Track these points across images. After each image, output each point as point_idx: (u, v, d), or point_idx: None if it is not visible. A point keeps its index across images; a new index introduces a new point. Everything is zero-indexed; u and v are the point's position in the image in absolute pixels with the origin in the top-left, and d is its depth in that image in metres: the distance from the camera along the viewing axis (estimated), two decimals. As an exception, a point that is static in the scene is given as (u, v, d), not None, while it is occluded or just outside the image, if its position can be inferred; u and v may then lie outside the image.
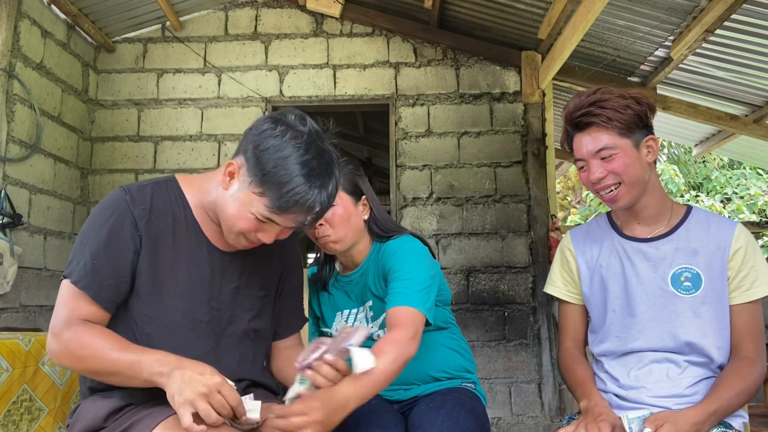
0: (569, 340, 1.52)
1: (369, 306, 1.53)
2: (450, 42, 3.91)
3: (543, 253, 3.68)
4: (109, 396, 1.18)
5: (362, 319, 1.56)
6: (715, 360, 1.32)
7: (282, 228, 1.17)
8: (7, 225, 2.88)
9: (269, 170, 1.10)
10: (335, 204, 1.44)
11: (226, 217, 1.18)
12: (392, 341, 1.27)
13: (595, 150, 1.32)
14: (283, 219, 1.14)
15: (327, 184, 1.14)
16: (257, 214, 1.13)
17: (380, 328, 1.52)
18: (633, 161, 1.31)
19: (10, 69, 2.99)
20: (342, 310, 1.59)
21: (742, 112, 3.98)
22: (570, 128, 1.39)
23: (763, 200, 9.27)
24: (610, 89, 1.35)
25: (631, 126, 1.31)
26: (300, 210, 1.12)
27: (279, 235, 1.19)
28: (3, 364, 1.40)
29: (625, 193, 1.33)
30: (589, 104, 1.32)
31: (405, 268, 1.42)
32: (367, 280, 1.54)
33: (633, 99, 1.32)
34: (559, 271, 1.54)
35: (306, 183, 1.10)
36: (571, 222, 10.71)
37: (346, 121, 6.40)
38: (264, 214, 1.13)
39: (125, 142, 3.88)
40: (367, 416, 1.39)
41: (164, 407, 1.09)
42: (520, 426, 3.57)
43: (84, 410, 1.20)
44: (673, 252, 1.36)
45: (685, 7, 2.94)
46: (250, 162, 1.13)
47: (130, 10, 3.71)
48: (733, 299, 1.33)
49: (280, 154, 1.10)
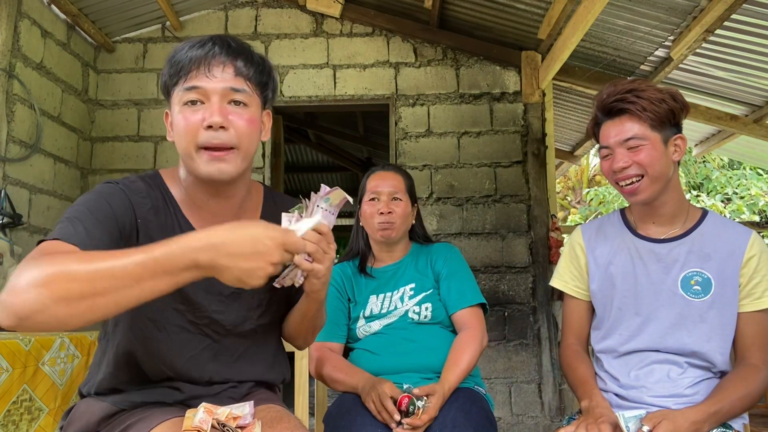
0: (572, 336, 1.51)
1: (411, 287, 1.71)
2: (450, 42, 3.92)
3: (543, 253, 3.68)
4: (103, 399, 1.15)
5: (397, 299, 1.69)
6: (717, 366, 1.32)
7: (218, 97, 1.04)
8: (7, 225, 2.88)
9: (164, 69, 1.08)
10: (400, 200, 1.69)
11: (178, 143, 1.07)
12: (470, 339, 1.59)
13: (624, 138, 1.31)
14: (198, 78, 1.04)
15: (222, 36, 1.09)
16: (183, 99, 1.05)
17: (416, 304, 1.68)
18: (660, 155, 1.30)
19: (10, 69, 2.99)
20: (377, 294, 1.72)
21: (742, 112, 3.98)
22: (601, 114, 1.37)
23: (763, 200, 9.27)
24: (647, 82, 1.35)
25: (663, 120, 1.31)
26: (200, 55, 1.04)
27: (231, 116, 1.05)
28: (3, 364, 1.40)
29: (646, 187, 1.31)
30: (626, 91, 1.32)
31: (460, 270, 1.71)
32: (407, 271, 1.74)
33: (669, 94, 1.32)
34: (567, 265, 1.53)
35: (192, 41, 1.08)
36: (571, 222, 10.71)
37: (346, 121, 6.40)
38: (183, 91, 1.04)
39: (125, 142, 3.88)
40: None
41: (158, 412, 1.08)
42: (520, 426, 3.57)
43: (78, 413, 1.17)
44: (685, 255, 1.36)
45: (685, 7, 2.93)
46: (161, 86, 1.11)
47: (130, 10, 3.71)
48: (743, 307, 1.32)
49: (171, 51, 1.10)
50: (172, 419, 1.05)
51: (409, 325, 1.64)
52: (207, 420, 1.01)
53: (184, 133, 1.04)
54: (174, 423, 1.04)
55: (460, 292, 1.67)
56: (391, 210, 1.69)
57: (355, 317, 1.71)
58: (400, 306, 1.67)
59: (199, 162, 1.05)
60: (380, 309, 1.68)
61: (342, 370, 1.58)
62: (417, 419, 1.39)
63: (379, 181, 1.74)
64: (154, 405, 1.13)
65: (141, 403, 1.13)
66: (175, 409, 1.11)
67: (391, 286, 1.72)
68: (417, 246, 1.81)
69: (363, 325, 1.68)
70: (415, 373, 1.57)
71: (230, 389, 1.21)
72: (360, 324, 1.69)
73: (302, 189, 9.64)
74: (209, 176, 1.06)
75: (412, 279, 1.71)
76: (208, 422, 1.01)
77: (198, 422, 1.00)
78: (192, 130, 1.03)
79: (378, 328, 1.66)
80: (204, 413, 1.02)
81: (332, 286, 1.74)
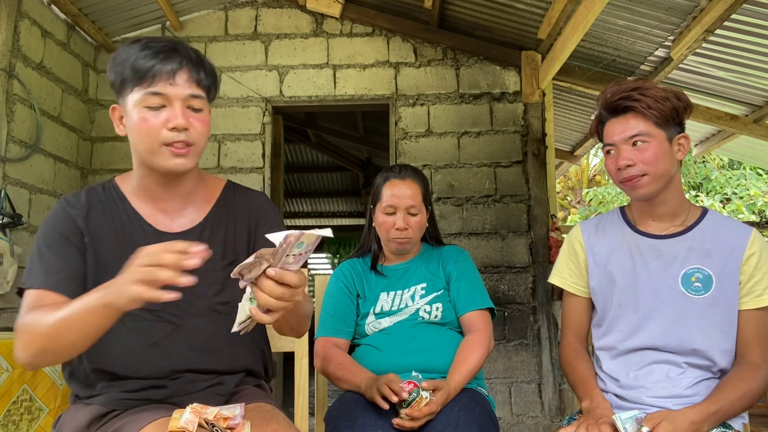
0: (572, 334, 1.50)
1: (422, 287, 1.71)
2: (450, 42, 3.92)
3: (543, 253, 3.68)
4: (92, 403, 1.17)
5: (408, 297, 1.69)
6: (718, 364, 1.32)
7: (180, 102, 1.16)
8: (7, 225, 2.88)
9: (117, 70, 1.17)
10: (416, 214, 1.68)
11: (136, 142, 1.18)
12: (478, 342, 1.60)
13: (628, 135, 1.32)
14: (160, 84, 1.14)
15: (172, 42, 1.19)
16: (144, 104, 1.14)
17: (428, 303, 1.68)
18: (664, 153, 1.31)
19: (10, 69, 2.99)
20: (388, 291, 1.72)
21: (742, 112, 3.98)
22: (605, 113, 1.38)
23: (762, 201, 9.27)
24: (651, 81, 1.36)
25: (668, 119, 1.31)
26: (160, 62, 1.14)
27: (192, 120, 1.17)
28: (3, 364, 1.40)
29: (648, 183, 1.32)
30: (631, 89, 1.32)
31: (470, 274, 1.72)
32: (418, 270, 1.75)
33: (673, 93, 1.32)
34: (566, 262, 1.52)
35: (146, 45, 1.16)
36: (570, 222, 10.71)
37: (346, 121, 6.40)
38: (144, 96, 1.14)
39: (125, 142, 3.85)
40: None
41: (146, 413, 1.09)
42: (520, 426, 3.57)
43: (67, 418, 1.19)
44: (686, 251, 1.35)
45: (685, 7, 2.94)
46: (114, 88, 1.19)
47: (130, 10, 3.71)
48: (743, 304, 1.32)
49: (115, 58, 1.19)
50: (160, 419, 1.06)
51: (417, 325, 1.64)
52: (193, 421, 1.01)
53: (147, 133, 1.16)
54: (161, 423, 1.05)
55: (470, 294, 1.68)
56: (407, 226, 1.68)
57: (364, 313, 1.71)
58: (411, 304, 1.67)
59: (161, 157, 1.17)
60: (391, 306, 1.68)
61: (347, 369, 1.57)
62: (416, 410, 1.38)
63: (397, 193, 1.69)
64: (142, 404, 1.14)
65: (127, 401, 1.15)
66: (165, 409, 1.11)
67: (402, 285, 1.72)
68: (428, 247, 1.82)
69: (373, 321, 1.68)
70: (420, 372, 1.57)
71: (216, 385, 1.21)
72: (369, 320, 1.69)
73: (302, 189, 9.64)
74: (170, 169, 1.19)
75: (424, 279, 1.72)
76: (194, 423, 1.00)
77: (184, 423, 1.00)
78: (156, 130, 1.15)
79: (388, 324, 1.66)
80: (191, 414, 1.01)
81: (341, 281, 1.75)
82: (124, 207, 1.26)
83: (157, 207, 1.26)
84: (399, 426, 1.40)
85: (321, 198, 10.00)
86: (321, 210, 10.42)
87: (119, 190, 1.28)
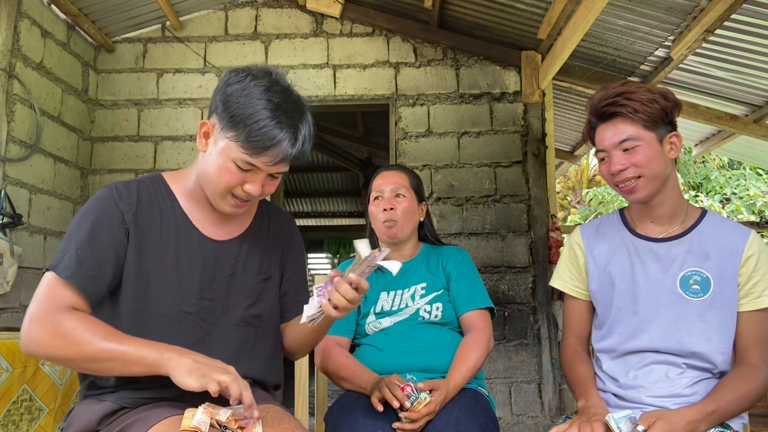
0: (572, 336, 1.51)
1: (422, 287, 1.71)
2: (450, 42, 3.92)
3: (543, 253, 3.68)
4: (103, 399, 1.17)
5: (408, 297, 1.70)
6: (717, 366, 1.32)
7: (265, 174, 1.18)
8: (7, 225, 2.88)
9: (236, 111, 1.14)
10: (404, 196, 1.70)
11: (209, 178, 1.20)
12: (478, 341, 1.60)
13: (618, 140, 1.32)
14: (260, 159, 1.15)
15: (296, 120, 1.17)
16: (236, 161, 1.15)
17: (428, 303, 1.68)
18: (656, 155, 1.31)
19: (10, 69, 2.99)
20: (388, 291, 1.73)
21: (742, 112, 3.97)
22: (594, 119, 1.38)
23: (762, 201, 9.27)
24: (637, 83, 1.36)
25: (657, 120, 1.31)
26: (272, 144, 1.13)
27: (265, 186, 1.20)
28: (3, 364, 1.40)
29: (643, 186, 1.32)
30: (616, 95, 1.32)
31: (470, 274, 1.72)
32: (418, 270, 1.74)
33: (660, 94, 1.32)
34: (567, 265, 1.53)
35: (272, 116, 1.13)
36: (570, 222, 10.71)
37: (346, 121, 6.40)
38: (241, 158, 1.14)
39: (125, 142, 3.88)
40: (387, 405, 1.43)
41: (158, 411, 1.09)
42: (520, 426, 3.57)
43: (78, 414, 1.20)
44: (684, 254, 1.35)
45: (685, 7, 2.94)
46: (219, 111, 1.17)
47: (130, 10, 3.71)
48: (742, 306, 1.32)
49: (244, 93, 1.15)
50: (171, 417, 1.06)
51: (417, 325, 1.65)
52: (206, 421, 1.01)
53: (223, 182, 1.18)
54: (173, 421, 1.05)
55: (470, 294, 1.68)
56: (393, 206, 1.70)
57: (365, 313, 1.71)
58: (411, 304, 1.67)
59: (223, 202, 1.22)
60: (391, 306, 1.68)
61: (351, 369, 1.57)
62: (415, 412, 1.38)
63: (383, 180, 1.76)
64: (154, 402, 1.14)
65: (140, 399, 1.15)
66: (176, 407, 1.11)
67: (402, 284, 1.72)
68: (428, 246, 1.83)
69: (373, 321, 1.69)
70: (420, 372, 1.57)
71: None
72: (370, 320, 1.69)
73: (302, 189, 9.64)
74: (224, 212, 1.25)
75: (424, 278, 1.72)
76: (206, 423, 1.01)
77: (197, 423, 1.00)
78: (232, 185, 1.19)
79: (388, 324, 1.66)
80: (203, 414, 1.02)
81: None
82: (172, 206, 1.27)
83: (204, 213, 1.29)
84: (400, 429, 1.40)
85: (321, 198, 10.01)
86: (321, 210, 10.43)
87: (169, 189, 1.29)
